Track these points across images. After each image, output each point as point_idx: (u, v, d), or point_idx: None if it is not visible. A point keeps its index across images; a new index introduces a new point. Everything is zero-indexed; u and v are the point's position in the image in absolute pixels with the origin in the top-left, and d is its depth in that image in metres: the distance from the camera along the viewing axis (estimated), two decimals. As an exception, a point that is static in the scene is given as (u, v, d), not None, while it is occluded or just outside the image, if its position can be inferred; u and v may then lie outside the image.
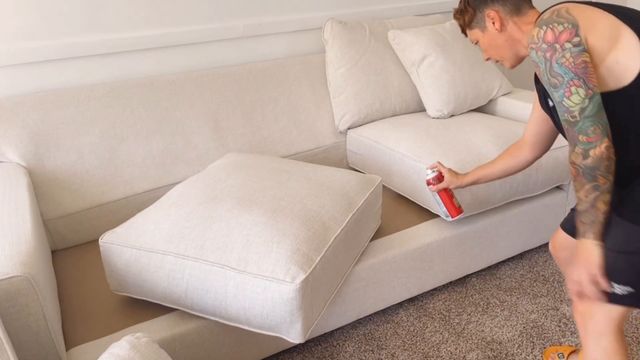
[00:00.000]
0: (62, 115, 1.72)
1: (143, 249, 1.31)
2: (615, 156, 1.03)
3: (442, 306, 1.76)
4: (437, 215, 1.79)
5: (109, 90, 1.82)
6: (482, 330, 1.64)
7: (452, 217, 1.57)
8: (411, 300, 1.79)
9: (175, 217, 1.35)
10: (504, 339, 1.60)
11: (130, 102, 1.83)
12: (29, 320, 1.10)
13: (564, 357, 1.50)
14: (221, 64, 2.14)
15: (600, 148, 0.99)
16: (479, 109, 2.31)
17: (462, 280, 1.88)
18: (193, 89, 1.95)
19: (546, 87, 1.05)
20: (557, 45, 1.00)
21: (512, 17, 1.17)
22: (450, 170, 1.53)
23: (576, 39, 0.99)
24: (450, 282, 1.87)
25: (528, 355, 1.53)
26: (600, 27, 1.00)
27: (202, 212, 1.34)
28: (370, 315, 1.73)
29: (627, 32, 0.99)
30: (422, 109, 2.25)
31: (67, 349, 1.27)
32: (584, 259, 1.04)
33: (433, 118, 2.10)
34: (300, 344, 1.60)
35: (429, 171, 1.56)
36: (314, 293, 1.26)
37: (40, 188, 1.66)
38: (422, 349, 1.57)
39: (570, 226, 1.33)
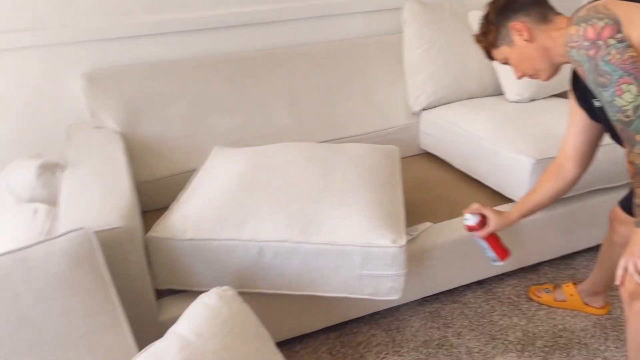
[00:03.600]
0: (154, 86, 1.84)
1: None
2: None
3: (512, 291, 1.74)
4: (510, 200, 1.76)
5: (196, 65, 1.92)
6: (554, 318, 1.61)
7: (503, 261, 1.40)
8: (479, 283, 1.79)
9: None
10: (576, 328, 1.57)
11: (214, 76, 1.92)
12: (128, 268, 1.22)
13: (550, 291, 1.66)
14: (300, 42, 2.19)
15: None
16: (562, 95, 2.22)
17: (535, 268, 1.85)
18: (272, 66, 2.01)
19: (592, 86, 1.01)
20: (601, 42, 0.96)
21: (539, 25, 1.13)
22: (494, 211, 1.38)
23: (619, 35, 0.96)
24: (522, 269, 1.84)
25: (601, 346, 1.49)
26: (639, 21, 0.96)
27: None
28: (437, 294, 1.74)
29: None
30: (500, 93, 2.20)
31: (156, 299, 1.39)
32: (633, 247, 1.02)
33: (511, 102, 2.05)
34: (367, 316, 1.65)
35: (469, 216, 1.38)
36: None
37: (133, 153, 1.80)
38: (489, 331, 1.57)
39: (627, 204, 1.36)
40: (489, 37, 1.19)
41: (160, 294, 1.40)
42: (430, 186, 1.90)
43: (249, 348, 0.98)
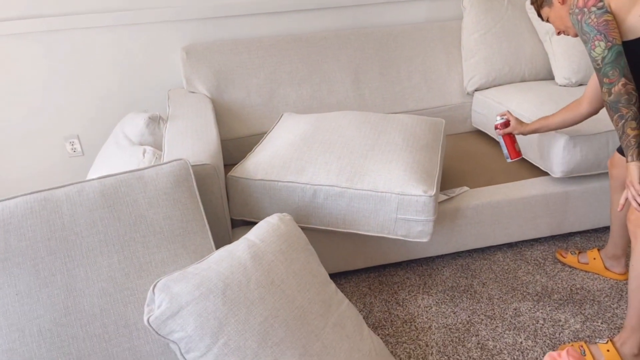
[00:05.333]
0: (238, 60, 2.19)
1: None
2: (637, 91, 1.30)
3: (540, 255, 1.92)
4: (547, 173, 1.93)
5: (274, 43, 2.24)
6: (574, 279, 1.78)
7: (511, 159, 1.79)
8: (510, 245, 1.98)
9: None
10: (593, 288, 1.73)
11: (289, 53, 2.23)
12: (212, 198, 1.56)
13: (575, 253, 1.85)
14: (367, 25, 2.45)
15: (619, 86, 1.29)
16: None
17: (565, 237, 2.01)
18: (340, 45, 2.29)
19: (583, 44, 1.31)
20: (585, 9, 1.30)
21: None
22: (517, 119, 1.76)
23: (600, 4, 1.28)
24: (553, 237, 2.01)
25: (613, 304, 1.65)
26: None
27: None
28: (469, 250, 1.96)
29: None
30: (552, 78, 2.34)
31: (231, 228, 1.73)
32: (631, 178, 1.30)
33: (560, 85, 2.19)
34: (404, 262, 1.90)
35: (498, 117, 1.78)
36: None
37: (219, 115, 2.16)
38: (512, 284, 1.77)
39: (622, 149, 1.59)
40: (539, 1, 1.54)
41: (234, 223, 1.74)
42: (475, 158, 2.11)
43: (298, 255, 1.28)
